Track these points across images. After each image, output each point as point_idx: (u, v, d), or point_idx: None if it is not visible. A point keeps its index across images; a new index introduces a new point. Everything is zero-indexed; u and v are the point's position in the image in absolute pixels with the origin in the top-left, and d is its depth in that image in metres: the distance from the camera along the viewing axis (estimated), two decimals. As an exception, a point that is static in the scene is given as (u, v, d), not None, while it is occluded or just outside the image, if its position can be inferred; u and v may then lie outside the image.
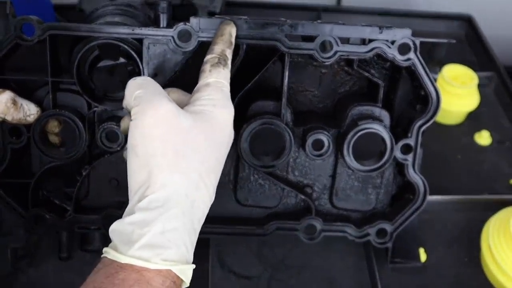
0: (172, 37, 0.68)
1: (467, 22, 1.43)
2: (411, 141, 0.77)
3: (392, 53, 0.72)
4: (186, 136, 0.54)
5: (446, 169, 1.06)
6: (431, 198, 0.98)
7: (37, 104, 0.72)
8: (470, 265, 0.91)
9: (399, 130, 0.79)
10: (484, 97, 1.19)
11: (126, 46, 0.70)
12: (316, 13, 1.42)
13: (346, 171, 0.81)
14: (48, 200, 0.79)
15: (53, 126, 0.74)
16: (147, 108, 0.54)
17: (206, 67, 0.61)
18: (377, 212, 0.84)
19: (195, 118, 0.56)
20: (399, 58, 0.72)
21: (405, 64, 0.73)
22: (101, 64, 0.71)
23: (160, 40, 0.69)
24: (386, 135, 0.75)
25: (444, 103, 1.15)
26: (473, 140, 1.14)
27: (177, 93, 0.64)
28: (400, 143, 0.77)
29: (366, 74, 0.75)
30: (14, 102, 0.68)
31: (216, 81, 0.60)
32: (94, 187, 0.80)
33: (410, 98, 0.79)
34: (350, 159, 0.77)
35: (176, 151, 0.53)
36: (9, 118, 0.68)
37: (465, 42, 1.42)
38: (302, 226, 0.81)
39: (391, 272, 0.89)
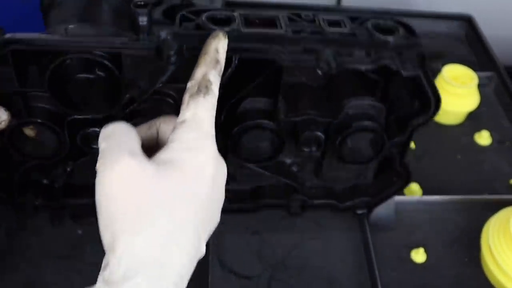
0: (154, 49, 0.60)
1: (467, 22, 1.43)
2: (403, 139, 0.76)
3: (397, 66, 0.67)
4: (151, 192, 0.47)
5: (446, 169, 1.06)
6: (431, 198, 0.98)
7: (8, 107, 0.64)
8: (470, 265, 0.91)
9: (392, 123, 0.77)
10: (484, 97, 1.19)
11: (103, 59, 0.61)
12: (316, 13, 1.42)
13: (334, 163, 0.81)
14: (35, 184, 0.77)
15: (29, 130, 0.69)
16: (107, 164, 0.48)
17: (185, 98, 0.53)
18: (360, 186, 0.87)
19: (162, 170, 0.48)
20: (404, 72, 0.67)
21: (410, 75, 0.68)
22: (78, 76, 0.63)
23: (139, 52, 0.61)
24: (379, 137, 0.74)
25: (444, 103, 1.15)
26: (473, 140, 1.14)
27: (168, 123, 0.56)
28: (393, 141, 0.76)
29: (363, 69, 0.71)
30: None
31: (193, 116, 0.52)
32: (78, 175, 0.77)
33: (407, 97, 0.76)
34: (341, 157, 0.77)
35: (139, 210, 0.47)
36: None
37: (465, 42, 1.42)
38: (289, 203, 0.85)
39: (391, 272, 0.89)
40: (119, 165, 0.48)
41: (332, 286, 0.87)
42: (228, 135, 0.72)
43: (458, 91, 1.12)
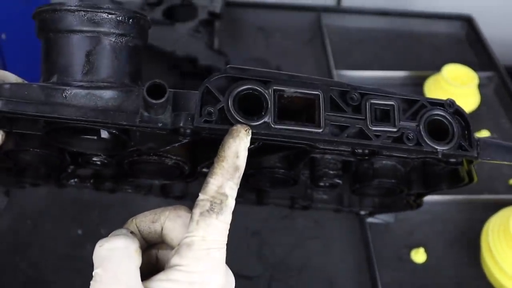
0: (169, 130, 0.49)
1: (467, 22, 1.43)
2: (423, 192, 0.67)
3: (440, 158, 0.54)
4: None
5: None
6: (431, 198, 0.98)
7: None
8: (470, 265, 0.91)
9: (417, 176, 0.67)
10: (484, 97, 1.19)
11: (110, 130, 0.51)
12: (316, 13, 1.42)
13: None
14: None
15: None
16: None
17: (195, 214, 0.44)
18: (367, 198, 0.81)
19: None
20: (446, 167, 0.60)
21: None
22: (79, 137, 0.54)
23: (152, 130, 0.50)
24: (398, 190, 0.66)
25: (444, 103, 1.15)
26: (473, 140, 1.14)
27: (175, 222, 0.48)
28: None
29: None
30: None
31: (202, 240, 0.45)
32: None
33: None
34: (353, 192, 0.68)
35: None
36: None
37: (465, 42, 1.42)
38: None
39: (391, 272, 0.89)
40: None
41: (332, 286, 0.87)
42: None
43: (458, 91, 1.12)
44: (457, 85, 1.12)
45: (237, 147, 0.45)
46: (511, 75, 1.26)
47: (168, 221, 0.48)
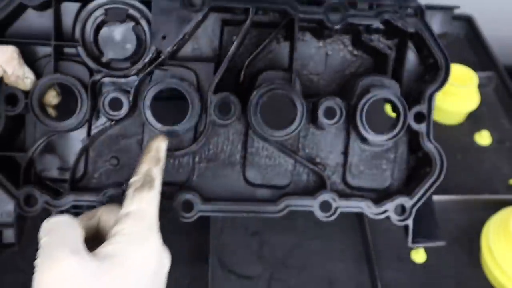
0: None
1: (467, 22, 1.43)
2: (423, 109, 0.74)
3: (400, 18, 0.72)
4: None
5: (446, 169, 1.06)
6: (431, 198, 0.98)
7: (36, 75, 0.70)
8: (470, 265, 0.91)
9: (409, 102, 0.76)
10: (484, 97, 1.19)
11: (133, 9, 0.69)
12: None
13: (358, 146, 0.78)
14: (39, 182, 0.75)
15: (51, 96, 0.71)
16: (47, 263, 0.48)
17: (129, 191, 0.56)
18: (392, 191, 0.79)
19: (104, 265, 0.48)
20: (406, 23, 0.72)
21: (412, 29, 0.72)
22: (107, 27, 0.69)
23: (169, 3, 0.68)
24: (398, 101, 0.73)
25: (444, 103, 1.16)
26: (473, 140, 1.14)
27: (109, 214, 0.57)
28: (413, 111, 0.74)
29: (373, 44, 0.75)
30: (19, 56, 0.67)
31: (137, 209, 0.54)
32: (92, 167, 0.75)
33: (418, 73, 0.78)
34: (364, 129, 0.73)
35: None
36: (9, 70, 0.66)
37: (465, 42, 1.42)
38: (316, 202, 0.75)
39: (391, 272, 0.89)
40: (59, 265, 0.47)
41: (332, 286, 0.87)
42: (247, 101, 0.72)
43: (458, 91, 1.12)
44: (457, 85, 1.12)
45: (158, 145, 0.62)
46: (511, 75, 1.26)
47: (104, 214, 0.57)
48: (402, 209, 0.77)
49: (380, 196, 0.79)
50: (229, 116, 0.71)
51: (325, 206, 0.75)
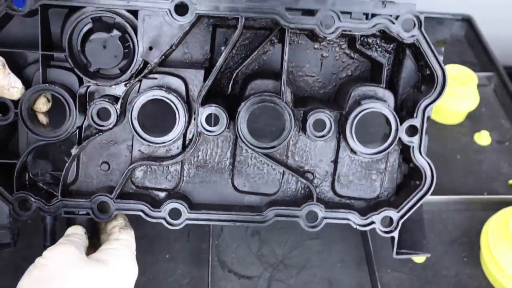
0: (169, 9, 0.66)
1: (467, 22, 1.44)
2: (416, 122, 0.73)
3: (396, 29, 0.69)
4: (84, 282, 0.63)
5: (446, 169, 1.06)
6: (431, 198, 0.98)
7: (25, 83, 0.69)
8: (470, 265, 0.91)
9: (404, 113, 0.76)
10: (484, 97, 1.19)
11: (120, 18, 0.68)
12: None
13: (348, 156, 0.78)
14: (34, 185, 0.76)
15: (41, 103, 0.71)
16: (55, 247, 0.67)
17: (115, 229, 0.71)
18: (381, 201, 0.79)
19: (97, 265, 0.65)
20: (403, 34, 0.70)
21: (410, 40, 0.70)
22: (94, 37, 0.68)
23: (156, 12, 0.67)
24: (390, 114, 0.72)
25: (444, 103, 1.16)
26: (473, 140, 1.14)
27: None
28: (405, 124, 0.73)
29: (369, 53, 0.73)
30: (3, 66, 0.66)
31: (125, 239, 0.70)
32: (84, 171, 0.76)
33: (414, 81, 0.76)
34: (353, 141, 0.73)
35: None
36: None
37: (465, 42, 1.42)
38: (302, 213, 0.76)
39: (391, 272, 0.89)
40: (63, 248, 0.66)
41: (332, 286, 0.87)
42: (237, 108, 0.71)
43: (458, 91, 1.12)
44: (456, 86, 1.12)
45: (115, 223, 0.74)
46: (510, 75, 1.26)
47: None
48: (389, 221, 0.77)
49: (369, 205, 0.80)
50: (217, 128, 0.70)
51: (312, 217, 0.76)
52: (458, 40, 1.43)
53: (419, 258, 0.91)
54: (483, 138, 1.14)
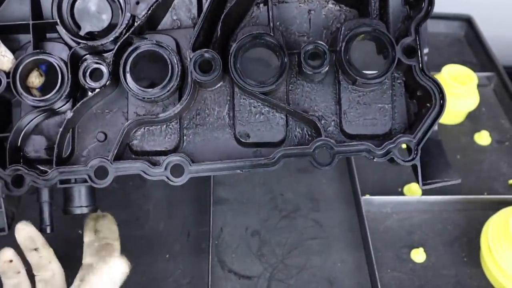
0: None
1: (467, 22, 1.44)
2: (411, 40, 0.70)
3: None
4: None
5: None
6: (431, 198, 0.98)
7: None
8: (470, 265, 0.91)
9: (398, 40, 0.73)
10: (484, 97, 1.19)
11: None
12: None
13: (352, 93, 0.74)
14: (28, 162, 0.74)
15: (34, 77, 0.71)
16: None
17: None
18: (395, 135, 0.73)
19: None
20: None
21: None
22: (81, 0, 0.70)
23: None
24: (383, 35, 0.70)
25: (444, 103, 1.16)
26: (473, 140, 1.14)
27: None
28: (401, 43, 0.70)
29: None
30: None
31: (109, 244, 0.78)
32: (80, 144, 0.74)
33: (403, 15, 0.74)
34: (351, 68, 0.70)
35: None
36: None
37: (465, 42, 1.42)
38: (313, 150, 0.70)
39: (391, 272, 0.89)
40: None
41: (332, 286, 0.87)
42: (228, 55, 0.69)
43: (458, 91, 1.12)
44: (456, 86, 1.12)
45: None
46: (510, 75, 1.26)
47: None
48: (407, 150, 0.71)
49: (381, 143, 0.73)
50: (211, 73, 0.68)
51: (323, 154, 0.71)
52: (458, 40, 1.43)
53: (419, 258, 0.91)
54: (483, 138, 1.14)
